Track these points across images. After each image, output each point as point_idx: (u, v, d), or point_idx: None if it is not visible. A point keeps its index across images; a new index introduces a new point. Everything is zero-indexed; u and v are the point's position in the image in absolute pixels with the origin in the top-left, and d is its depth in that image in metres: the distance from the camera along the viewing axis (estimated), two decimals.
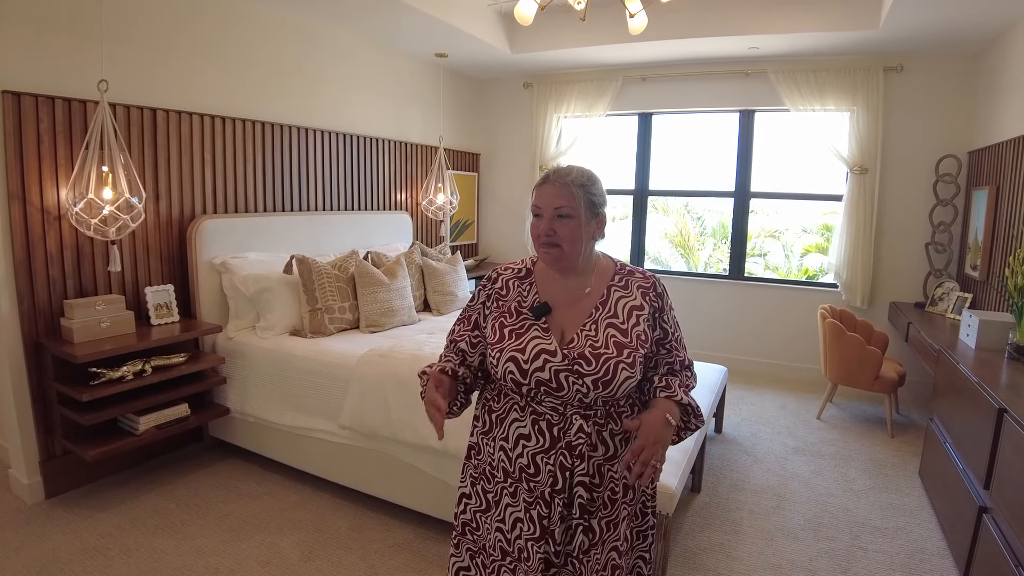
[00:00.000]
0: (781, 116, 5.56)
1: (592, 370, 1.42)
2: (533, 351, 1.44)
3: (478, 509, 1.58)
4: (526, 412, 1.49)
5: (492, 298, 1.59)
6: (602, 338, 1.46)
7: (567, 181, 1.48)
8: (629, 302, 1.53)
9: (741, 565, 2.71)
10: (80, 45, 3.04)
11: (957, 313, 4.20)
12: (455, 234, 6.41)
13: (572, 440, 1.45)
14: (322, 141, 4.61)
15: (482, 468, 1.57)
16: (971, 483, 2.58)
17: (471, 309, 1.64)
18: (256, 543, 2.79)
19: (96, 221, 2.96)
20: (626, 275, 1.57)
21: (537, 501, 1.47)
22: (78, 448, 2.95)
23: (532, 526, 1.48)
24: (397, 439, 2.89)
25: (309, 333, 3.57)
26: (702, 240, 8.28)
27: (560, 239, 1.47)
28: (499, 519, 1.53)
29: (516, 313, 1.53)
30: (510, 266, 1.63)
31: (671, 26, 4.69)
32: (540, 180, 1.53)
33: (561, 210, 1.47)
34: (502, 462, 1.52)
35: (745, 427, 4.32)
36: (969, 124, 4.77)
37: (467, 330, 1.61)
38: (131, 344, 3.03)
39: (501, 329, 1.51)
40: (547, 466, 1.46)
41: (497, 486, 1.53)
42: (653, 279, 1.58)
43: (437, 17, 4.30)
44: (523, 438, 1.48)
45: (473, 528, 1.60)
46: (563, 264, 1.51)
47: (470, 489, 1.61)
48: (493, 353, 1.49)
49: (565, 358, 1.43)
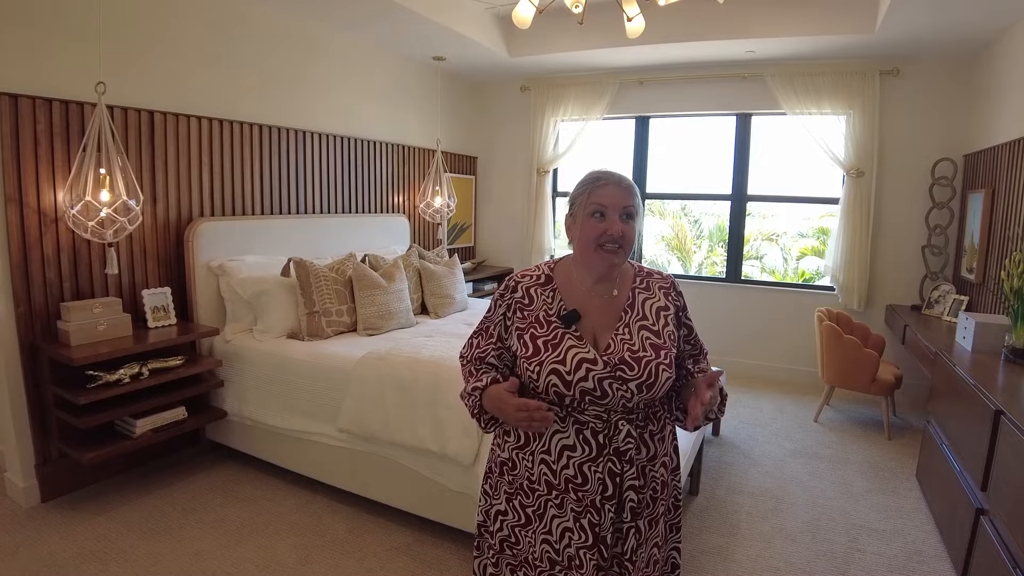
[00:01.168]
0: (778, 119, 5.57)
1: (635, 375, 1.40)
2: (574, 361, 1.41)
3: (516, 524, 1.54)
4: (568, 423, 1.45)
5: (514, 309, 1.53)
6: (638, 341, 1.45)
7: (628, 183, 1.47)
8: (655, 303, 1.52)
9: (739, 568, 2.71)
10: (78, 47, 3.04)
11: (953, 316, 4.21)
12: (452, 237, 6.41)
13: (620, 446, 1.43)
14: (320, 144, 4.61)
15: (519, 483, 1.52)
16: (968, 485, 2.58)
17: (490, 321, 1.58)
18: (253, 547, 2.78)
19: (93, 224, 2.95)
20: (646, 276, 1.56)
21: (587, 510, 1.45)
22: (74, 451, 2.94)
23: (583, 534, 1.45)
24: (395, 442, 2.89)
25: (306, 336, 3.57)
26: (698, 243, 8.29)
27: (625, 241, 1.45)
28: (545, 531, 1.49)
29: (546, 323, 1.48)
30: (528, 273, 1.58)
31: (668, 30, 4.70)
32: (591, 180, 1.48)
33: (628, 209, 1.45)
34: (544, 475, 1.48)
35: (743, 430, 4.32)
36: (965, 127, 4.79)
37: (490, 343, 1.56)
38: (128, 347, 3.03)
39: (534, 341, 1.46)
40: (596, 474, 1.44)
41: (539, 499, 1.49)
42: (671, 278, 1.58)
43: (435, 20, 4.31)
44: (567, 449, 1.45)
45: (513, 543, 1.55)
46: (617, 268, 1.49)
47: (505, 505, 1.55)
48: (531, 367, 1.44)
49: (606, 365, 1.41)
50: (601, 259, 1.46)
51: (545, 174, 6.27)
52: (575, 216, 1.50)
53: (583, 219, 1.47)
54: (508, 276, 1.62)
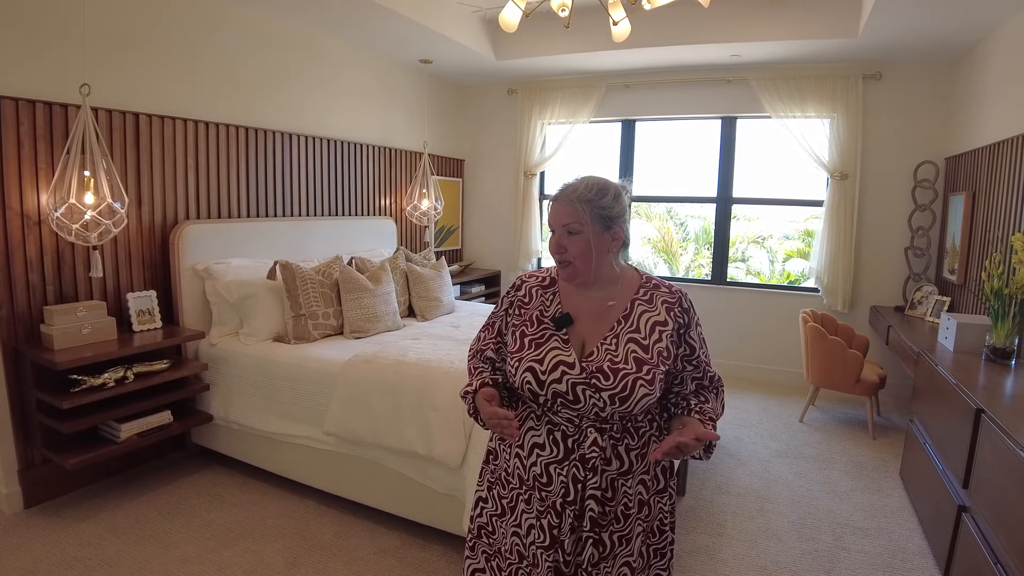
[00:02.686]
0: (763, 123, 5.62)
1: (609, 385, 1.40)
2: (551, 362, 1.44)
3: (494, 513, 1.58)
4: (542, 422, 1.49)
5: (515, 305, 1.58)
6: (622, 353, 1.44)
7: (572, 197, 1.46)
8: (653, 317, 1.49)
9: (726, 567, 2.73)
10: (62, 49, 3.02)
11: (936, 316, 4.27)
12: (440, 240, 6.41)
13: (586, 453, 1.44)
14: (306, 146, 4.60)
15: (498, 474, 1.58)
16: (950, 483, 2.62)
17: (495, 316, 1.64)
18: (240, 551, 2.77)
19: (77, 226, 2.93)
20: (651, 289, 1.54)
21: (548, 510, 1.46)
22: (58, 456, 2.91)
23: (543, 534, 1.47)
24: (382, 445, 2.88)
25: (293, 339, 3.55)
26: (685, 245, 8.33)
27: (571, 255, 1.47)
28: (515, 524, 1.53)
29: (537, 322, 1.52)
30: (535, 274, 1.63)
31: (654, 34, 4.74)
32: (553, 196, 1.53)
33: (569, 227, 1.46)
34: (517, 469, 1.52)
35: (728, 430, 4.35)
36: (946, 131, 4.86)
37: (492, 337, 1.63)
38: (112, 351, 3.01)
39: (521, 338, 1.51)
40: (559, 477, 1.45)
41: (512, 492, 1.53)
42: (680, 294, 1.54)
43: (421, 23, 4.32)
44: (537, 447, 1.49)
45: (489, 532, 1.60)
46: (579, 280, 1.51)
47: (487, 493, 1.61)
48: (512, 362, 1.49)
49: (583, 371, 1.42)
50: (560, 271, 1.54)
51: (532, 177, 6.29)
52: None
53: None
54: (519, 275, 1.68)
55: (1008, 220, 3.54)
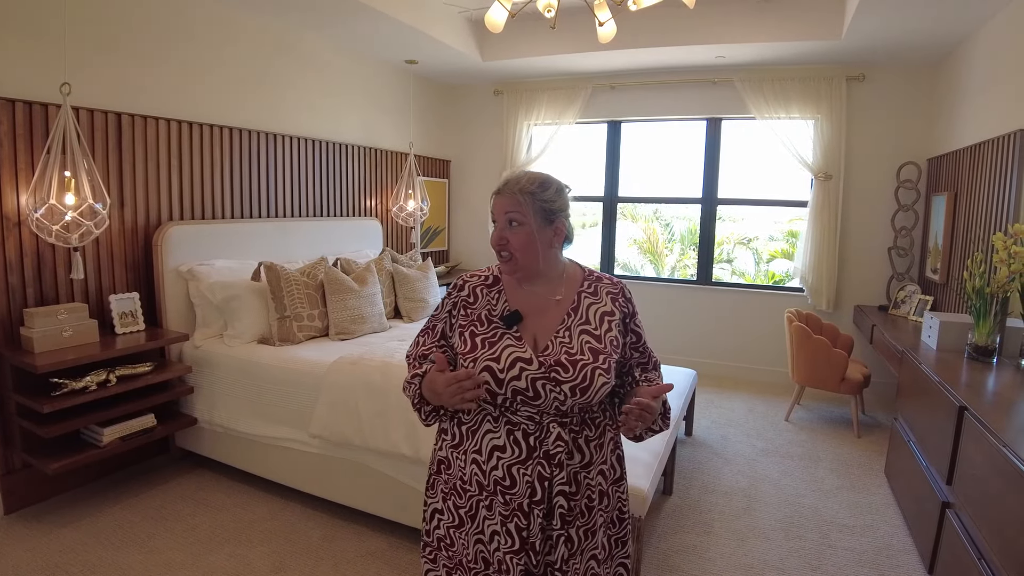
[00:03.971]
0: (747, 124, 5.66)
1: (570, 377, 1.41)
2: (508, 359, 1.42)
3: (451, 525, 1.53)
4: (500, 423, 1.46)
5: (459, 306, 1.55)
6: (577, 344, 1.45)
7: (515, 189, 1.47)
8: (600, 308, 1.52)
9: (714, 566, 2.74)
10: (42, 47, 2.97)
11: (919, 315, 4.31)
12: (426, 241, 6.39)
13: (550, 449, 1.43)
14: (291, 147, 4.57)
15: (453, 483, 1.52)
16: (934, 479, 2.64)
17: (436, 319, 1.60)
18: (225, 556, 2.74)
19: (58, 227, 2.89)
20: (595, 281, 1.57)
21: (514, 513, 1.44)
22: (38, 461, 2.87)
23: (510, 539, 1.44)
24: (368, 447, 2.87)
25: (278, 341, 3.52)
26: (670, 246, 8.36)
27: (512, 248, 1.47)
28: (477, 532, 1.49)
29: (487, 322, 1.50)
30: (477, 273, 1.60)
31: (640, 35, 4.75)
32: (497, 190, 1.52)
33: (511, 217, 1.47)
34: (475, 475, 1.47)
35: (715, 430, 4.37)
36: (928, 132, 4.91)
37: (434, 341, 1.58)
38: (94, 353, 2.97)
39: (472, 339, 1.48)
40: (524, 477, 1.43)
41: (471, 500, 1.49)
42: (621, 284, 1.59)
43: (407, 23, 4.30)
44: (497, 450, 1.45)
45: (448, 544, 1.54)
46: (520, 273, 1.52)
47: (442, 504, 1.55)
48: (466, 363, 1.45)
49: (541, 366, 1.41)
50: (501, 264, 1.53)
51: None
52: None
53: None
54: (459, 275, 1.63)
55: (989, 220, 3.58)
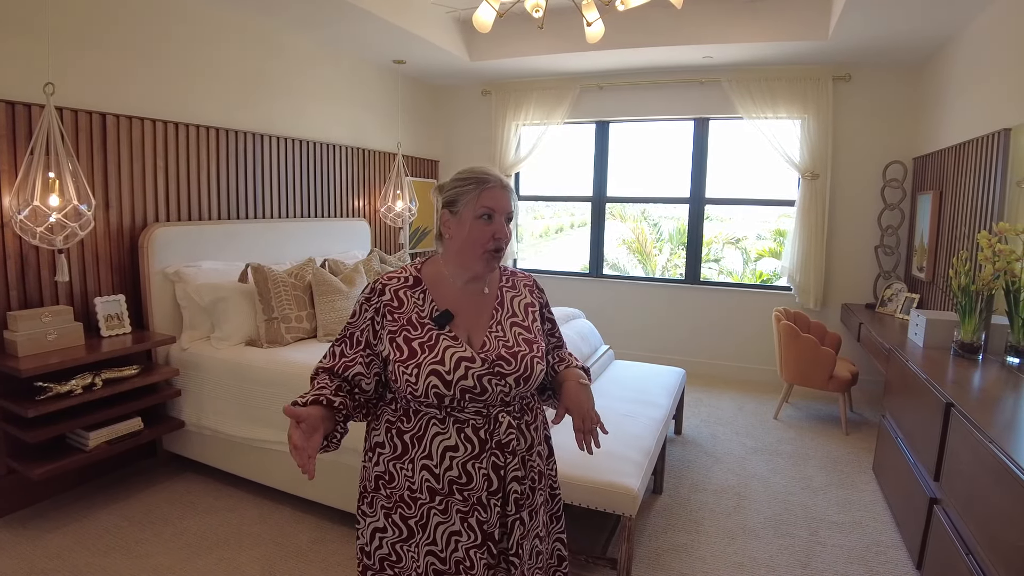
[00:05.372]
0: (735, 124, 5.69)
1: (513, 369, 1.45)
2: (452, 361, 1.41)
3: (397, 540, 1.48)
4: (448, 423, 1.44)
5: (382, 312, 1.47)
6: (511, 337, 1.50)
7: (510, 185, 1.51)
8: (522, 300, 1.59)
9: (704, 564, 2.75)
10: (25, 47, 2.93)
11: (905, 313, 4.35)
12: (414, 241, 6.37)
13: (503, 438, 1.46)
14: (278, 147, 4.54)
15: (398, 495, 1.47)
16: (922, 476, 2.66)
17: (355, 328, 1.49)
18: (214, 560, 2.71)
19: (42, 229, 2.86)
20: (511, 275, 1.64)
21: (474, 508, 1.44)
22: (23, 467, 2.83)
23: (472, 534, 1.44)
24: (358, 449, 2.84)
25: (265, 343, 3.50)
26: (659, 246, 8.38)
27: (504, 244, 1.49)
28: (429, 542, 1.46)
29: (419, 325, 1.46)
30: (394, 275, 1.53)
31: (627, 35, 4.76)
32: (478, 180, 1.46)
33: (510, 214, 1.50)
34: (426, 481, 1.44)
35: (704, 428, 4.38)
36: (914, 131, 4.96)
37: (357, 351, 1.47)
38: (80, 357, 2.93)
39: (408, 344, 1.43)
40: (480, 471, 1.44)
41: (422, 508, 1.45)
42: (532, 277, 1.68)
43: (395, 23, 4.29)
44: (449, 450, 1.44)
45: (394, 561, 1.49)
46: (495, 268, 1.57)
47: (384, 522, 1.49)
48: (408, 371, 1.40)
49: (484, 362, 1.43)
50: (486, 262, 1.49)
51: (507, 178, 6.27)
52: (459, 216, 1.47)
53: (471, 221, 1.46)
54: (374, 280, 1.56)
55: (974, 218, 3.62)
